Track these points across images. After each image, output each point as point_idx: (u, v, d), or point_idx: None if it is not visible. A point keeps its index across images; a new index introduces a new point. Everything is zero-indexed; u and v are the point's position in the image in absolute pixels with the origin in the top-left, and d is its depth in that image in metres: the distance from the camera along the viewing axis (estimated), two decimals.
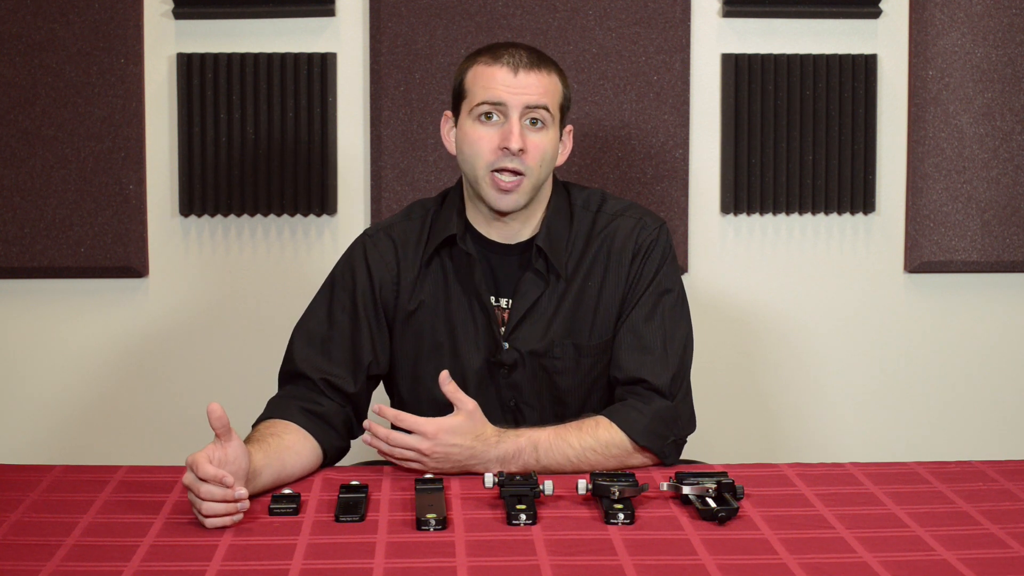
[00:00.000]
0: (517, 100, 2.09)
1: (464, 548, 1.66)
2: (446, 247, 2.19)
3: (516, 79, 2.09)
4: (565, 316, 2.17)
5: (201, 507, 1.73)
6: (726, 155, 3.16)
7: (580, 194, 2.24)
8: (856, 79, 3.15)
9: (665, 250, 2.19)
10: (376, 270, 2.19)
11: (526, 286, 2.16)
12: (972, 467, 2.03)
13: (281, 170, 3.10)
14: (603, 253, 2.18)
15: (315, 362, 2.14)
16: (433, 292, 2.19)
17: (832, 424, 3.30)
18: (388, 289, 2.19)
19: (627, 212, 2.21)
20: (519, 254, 2.19)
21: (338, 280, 2.22)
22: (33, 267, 3.08)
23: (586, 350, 2.17)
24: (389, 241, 2.21)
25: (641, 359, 2.12)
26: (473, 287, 2.17)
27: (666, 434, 2.08)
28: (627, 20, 3.10)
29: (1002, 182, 3.18)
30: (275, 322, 3.11)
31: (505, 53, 2.12)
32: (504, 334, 2.17)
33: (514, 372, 2.17)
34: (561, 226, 2.19)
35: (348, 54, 3.12)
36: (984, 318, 3.28)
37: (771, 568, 1.59)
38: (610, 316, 2.17)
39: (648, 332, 2.14)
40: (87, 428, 3.19)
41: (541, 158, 2.10)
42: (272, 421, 2.06)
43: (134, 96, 3.06)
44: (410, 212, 2.27)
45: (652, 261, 2.17)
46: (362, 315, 2.17)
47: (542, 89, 2.10)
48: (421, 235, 2.21)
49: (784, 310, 3.25)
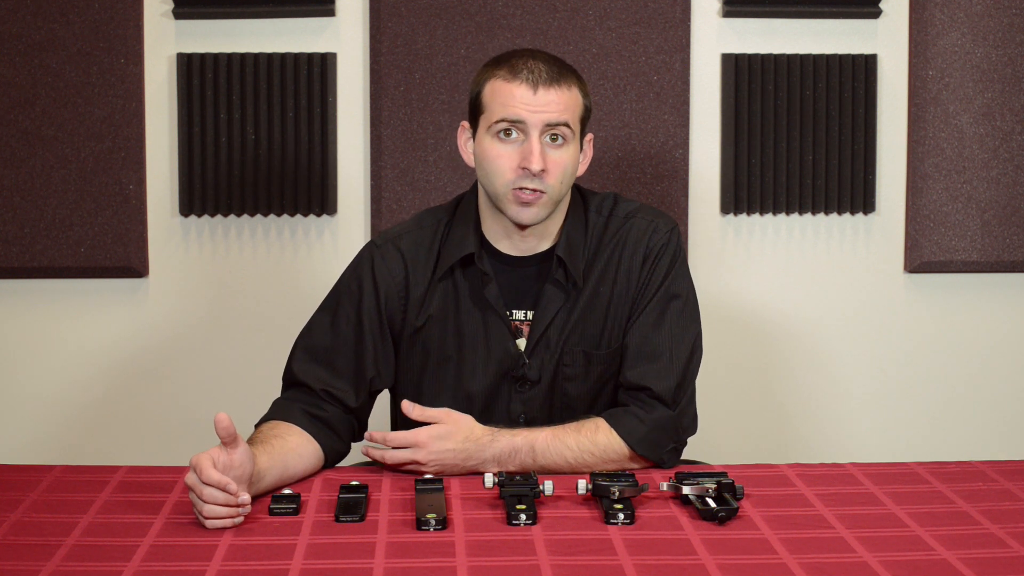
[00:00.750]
0: (537, 118, 2.03)
1: (464, 548, 1.66)
2: (460, 265, 2.15)
3: (535, 96, 2.03)
4: (577, 324, 2.14)
5: (203, 508, 1.73)
6: (726, 155, 3.16)
7: (594, 199, 2.20)
8: (856, 79, 3.15)
9: (675, 254, 2.16)
10: (383, 284, 2.15)
11: (547, 298, 2.13)
12: (972, 467, 2.03)
13: (281, 170, 3.10)
14: (615, 258, 2.15)
15: (318, 375, 2.12)
16: (443, 306, 2.15)
17: (832, 424, 3.30)
18: (395, 304, 2.15)
19: (638, 214, 2.17)
20: (536, 265, 2.15)
21: (344, 292, 2.18)
22: (33, 267, 3.08)
23: (596, 358, 2.14)
24: (398, 254, 2.16)
25: (646, 367, 2.10)
26: (487, 302, 2.13)
27: (665, 443, 2.07)
28: (627, 20, 3.10)
29: (1002, 182, 3.18)
30: (275, 322, 3.12)
31: (524, 68, 2.05)
32: (527, 347, 2.14)
33: (534, 388, 2.15)
34: (578, 234, 2.15)
35: (348, 54, 3.12)
36: (984, 318, 3.28)
37: (771, 568, 1.59)
38: (620, 322, 2.14)
39: (655, 339, 2.11)
40: (87, 428, 3.19)
41: (562, 175, 2.06)
42: (275, 422, 2.05)
43: (134, 96, 3.06)
44: (421, 221, 2.21)
45: (661, 266, 2.14)
46: (367, 329, 2.14)
47: (562, 106, 2.04)
48: (432, 247, 2.16)
49: (784, 310, 3.25)
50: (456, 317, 2.14)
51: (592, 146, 2.19)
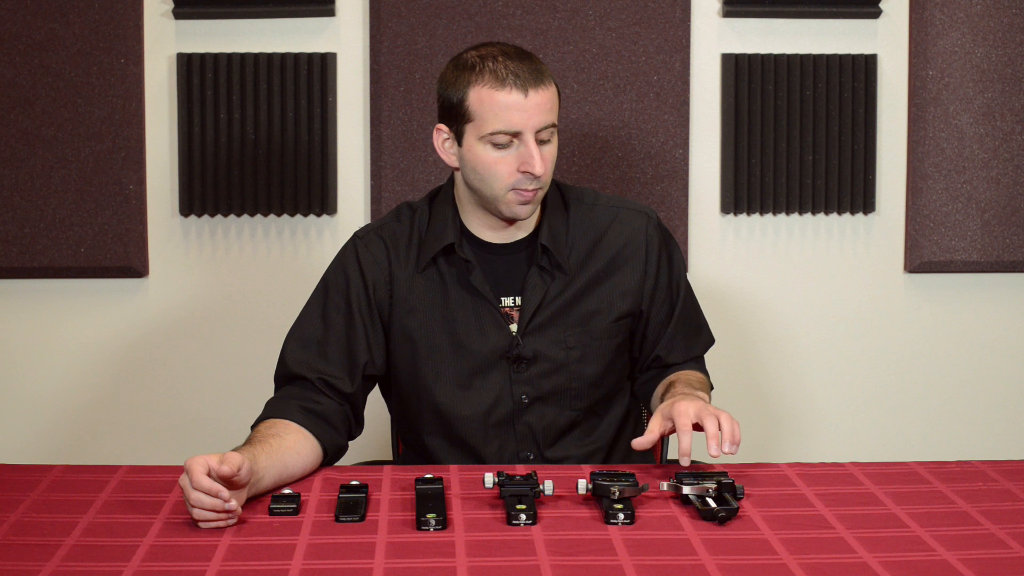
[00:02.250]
0: (531, 124, 2.06)
1: (464, 548, 1.66)
2: (442, 254, 2.19)
3: (527, 101, 2.05)
4: (570, 304, 2.19)
5: (192, 512, 1.75)
6: (726, 155, 3.16)
7: (572, 190, 2.28)
8: (856, 79, 3.15)
9: (666, 237, 2.29)
10: (369, 270, 2.19)
11: (533, 282, 2.18)
12: (972, 467, 2.03)
13: (281, 170, 3.10)
14: (611, 245, 2.22)
15: (311, 363, 2.14)
16: (430, 296, 2.18)
17: (832, 424, 3.30)
18: (382, 289, 2.19)
19: (626, 205, 2.28)
20: (518, 252, 2.20)
21: (331, 282, 2.21)
22: (33, 267, 3.08)
23: (597, 334, 2.21)
24: (380, 242, 2.21)
25: (695, 339, 2.34)
26: (474, 289, 2.17)
27: None
28: (627, 20, 3.10)
29: (1002, 182, 3.18)
30: (275, 322, 3.11)
31: (506, 72, 2.06)
32: (519, 330, 2.18)
33: (532, 366, 2.18)
34: (560, 222, 2.21)
35: (348, 54, 3.12)
36: (984, 318, 3.28)
37: (771, 568, 1.59)
38: (623, 303, 2.22)
39: (693, 315, 2.33)
40: (87, 428, 3.19)
41: (552, 167, 2.13)
42: (272, 421, 2.06)
43: (134, 96, 3.06)
44: (398, 213, 2.27)
45: (666, 252, 2.27)
46: (357, 315, 2.17)
47: (549, 105, 2.09)
48: (411, 237, 2.21)
49: (784, 310, 3.26)
50: (445, 305, 2.18)
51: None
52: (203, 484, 1.72)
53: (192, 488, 1.73)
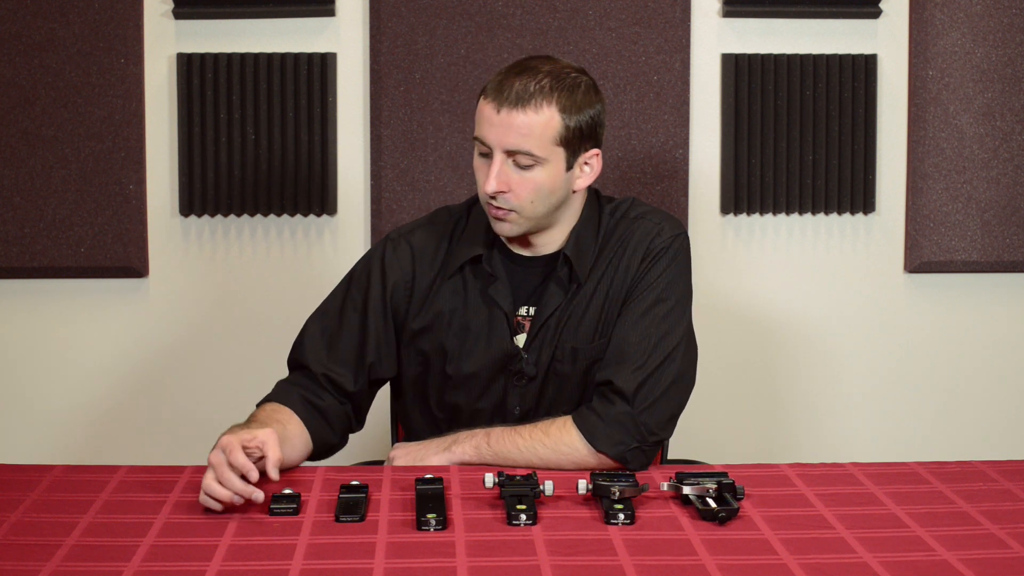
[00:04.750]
0: (498, 141, 2.02)
1: (464, 548, 1.66)
2: (469, 263, 2.18)
3: (498, 117, 2.00)
4: (573, 320, 2.15)
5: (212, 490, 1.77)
6: (726, 155, 3.16)
7: (610, 203, 2.20)
8: (856, 79, 3.15)
9: (673, 258, 2.13)
10: (391, 274, 2.19)
11: (548, 296, 2.15)
12: (972, 467, 2.03)
13: (281, 170, 3.10)
14: (616, 256, 2.15)
15: (320, 356, 2.17)
16: (452, 303, 2.18)
17: (832, 424, 3.30)
18: (401, 294, 2.19)
19: (648, 216, 2.17)
20: (544, 265, 2.17)
21: (356, 277, 2.23)
22: (33, 267, 3.08)
23: (583, 353, 2.14)
24: (408, 248, 2.21)
25: (615, 363, 2.07)
26: (493, 300, 2.16)
27: (624, 440, 2.02)
28: (627, 20, 3.10)
29: (1002, 182, 3.18)
30: (275, 322, 3.12)
31: (500, 85, 2.02)
32: (526, 344, 2.16)
33: (532, 382, 2.17)
34: (588, 235, 2.16)
35: (348, 54, 3.12)
36: (984, 318, 3.28)
37: (771, 568, 1.59)
38: (612, 319, 2.14)
39: (630, 337, 2.08)
40: (87, 428, 3.19)
41: (533, 195, 2.04)
42: (277, 406, 2.09)
43: (134, 96, 3.06)
44: (435, 217, 2.25)
45: (657, 267, 2.12)
46: (371, 317, 2.18)
47: (525, 130, 2.00)
48: (441, 243, 2.20)
49: (784, 310, 3.25)
50: (464, 313, 2.18)
51: (600, 159, 2.12)
52: (239, 461, 1.76)
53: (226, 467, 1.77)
